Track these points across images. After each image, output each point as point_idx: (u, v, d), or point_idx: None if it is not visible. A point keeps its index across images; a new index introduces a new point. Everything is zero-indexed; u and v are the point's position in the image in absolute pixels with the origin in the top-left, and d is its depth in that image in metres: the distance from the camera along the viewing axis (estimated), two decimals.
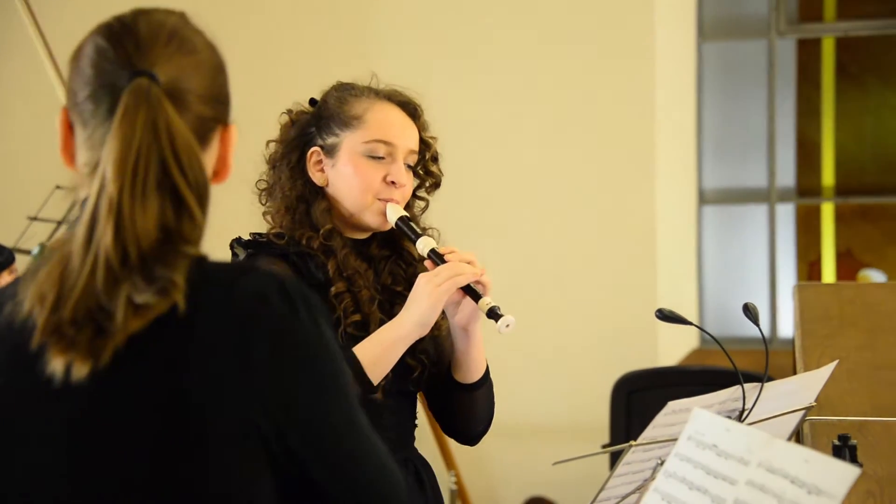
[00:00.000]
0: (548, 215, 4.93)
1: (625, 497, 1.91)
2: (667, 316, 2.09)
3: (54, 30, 3.80)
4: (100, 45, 1.30)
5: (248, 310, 1.26)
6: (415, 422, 2.24)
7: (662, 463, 1.67)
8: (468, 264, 2.09)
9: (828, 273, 5.37)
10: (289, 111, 2.25)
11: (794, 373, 2.68)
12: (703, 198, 5.36)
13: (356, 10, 5.05)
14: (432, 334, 2.15)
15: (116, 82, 1.28)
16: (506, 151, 4.95)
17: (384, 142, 2.16)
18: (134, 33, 1.30)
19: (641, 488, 1.89)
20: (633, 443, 1.81)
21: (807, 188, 5.36)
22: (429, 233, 2.20)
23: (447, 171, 2.30)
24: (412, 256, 2.23)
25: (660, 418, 1.78)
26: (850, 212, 5.37)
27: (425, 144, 2.25)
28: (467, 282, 2.08)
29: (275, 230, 2.18)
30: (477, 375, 2.19)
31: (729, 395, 1.93)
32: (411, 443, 2.23)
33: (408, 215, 2.18)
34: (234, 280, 1.28)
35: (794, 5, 5.33)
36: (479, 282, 2.09)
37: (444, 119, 2.41)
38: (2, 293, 1.33)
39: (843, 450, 1.93)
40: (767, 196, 5.29)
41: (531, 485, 4.90)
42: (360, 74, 2.26)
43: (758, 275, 5.32)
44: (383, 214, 2.16)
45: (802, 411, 2.06)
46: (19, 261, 3.14)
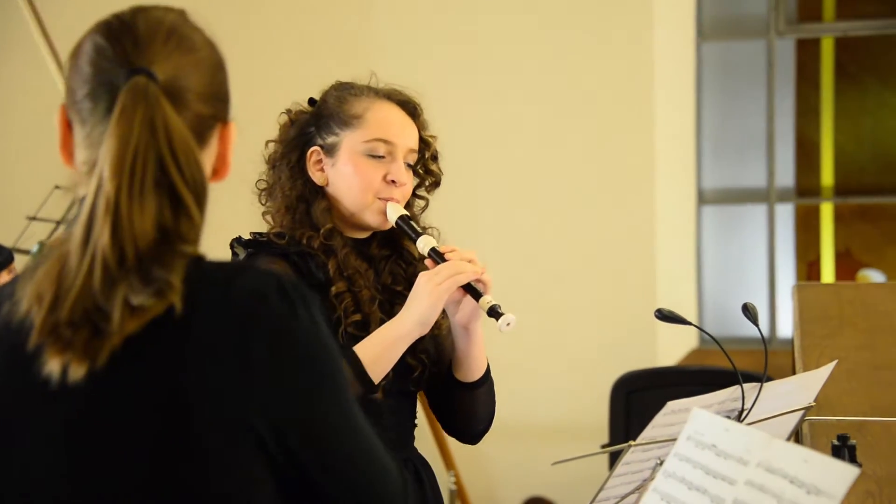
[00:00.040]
0: (547, 215, 4.93)
1: (624, 497, 1.91)
2: (666, 316, 2.09)
3: (55, 26, 3.79)
4: (98, 43, 1.30)
5: (247, 309, 1.25)
6: (415, 421, 2.24)
7: (662, 463, 1.67)
8: (469, 263, 2.09)
9: (827, 273, 5.37)
10: (288, 111, 2.25)
11: (794, 373, 2.67)
12: (703, 198, 5.36)
13: (356, 10, 5.05)
14: (432, 333, 2.15)
15: (114, 80, 1.27)
16: (505, 152, 4.95)
17: (384, 141, 2.16)
18: (132, 31, 1.30)
19: (641, 488, 1.89)
20: (632, 443, 1.81)
21: (806, 188, 5.36)
22: (429, 232, 2.20)
23: (446, 171, 2.30)
24: (412, 256, 2.23)
25: (659, 418, 1.78)
26: (850, 212, 5.37)
27: (425, 143, 2.25)
28: (468, 280, 2.08)
29: (275, 230, 2.18)
30: (478, 374, 2.19)
31: (728, 395, 1.93)
32: (411, 442, 2.23)
33: (408, 214, 2.17)
34: (232, 279, 1.27)
35: (794, 5, 5.33)
36: (479, 280, 2.09)
37: (444, 119, 2.41)
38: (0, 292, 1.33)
39: (843, 450, 1.93)
40: (767, 196, 5.29)
41: (530, 485, 4.90)
42: (359, 74, 2.26)
43: (757, 275, 5.32)
44: (384, 213, 2.16)
45: (801, 411, 2.06)
46: (18, 261, 3.13)
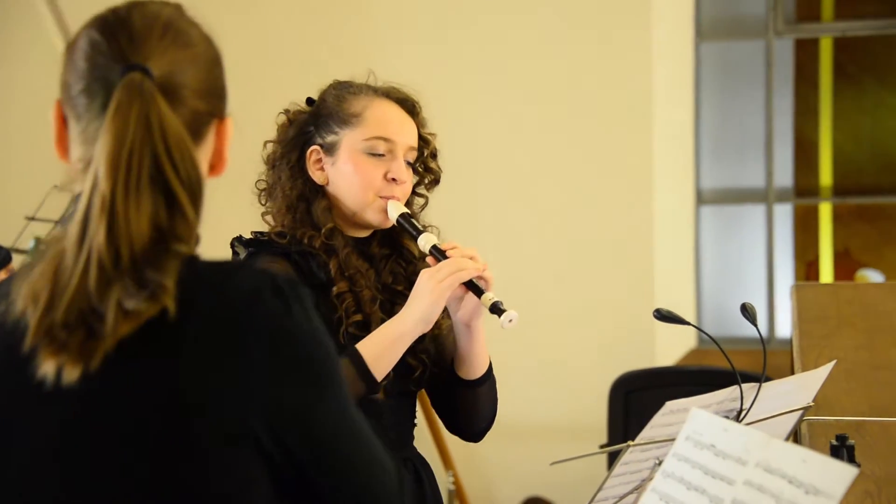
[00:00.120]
0: (546, 215, 4.93)
1: (623, 497, 1.91)
2: (665, 316, 2.09)
3: (55, 25, 3.79)
4: (93, 38, 1.29)
5: (242, 308, 1.24)
6: (414, 421, 2.24)
7: (660, 463, 1.67)
8: (470, 260, 2.09)
9: (825, 273, 5.37)
10: (286, 111, 2.25)
11: (792, 373, 2.68)
12: (701, 198, 5.36)
13: (356, 10, 5.05)
14: (433, 333, 2.15)
15: (110, 77, 1.26)
16: (504, 151, 4.95)
17: (384, 139, 2.16)
18: (128, 26, 1.28)
19: (639, 488, 1.89)
20: (630, 443, 1.81)
21: (804, 188, 5.35)
22: (429, 230, 2.19)
23: (445, 172, 2.30)
24: (412, 255, 2.23)
25: (658, 418, 1.78)
26: (848, 212, 5.37)
27: (424, 141, 2.25)
28: (470, 277, 2.07)
29: (276, 230, 2.18)
30: (480, 371, 2.19)
31: (727, 395, 1.93)
32: (411, 442, 2.23)
33: (409, 212, 2.17)
34: (226, 279, 1.27)
35: (792, 5, 5.32)
36: (481, 277, 2.09)
37: (443, 119, 2.41)
38: None
39: (841, 450, 1.93)
40: (765, 196, 5.29)
41: (529, 485, 4.90)
42: (358, 73, 2.26)
43: (755, 275, 5.32)
44: (384, 212, 2.16)
45: (800, 411, 2.06)
46: (17, 261, 3.13)
